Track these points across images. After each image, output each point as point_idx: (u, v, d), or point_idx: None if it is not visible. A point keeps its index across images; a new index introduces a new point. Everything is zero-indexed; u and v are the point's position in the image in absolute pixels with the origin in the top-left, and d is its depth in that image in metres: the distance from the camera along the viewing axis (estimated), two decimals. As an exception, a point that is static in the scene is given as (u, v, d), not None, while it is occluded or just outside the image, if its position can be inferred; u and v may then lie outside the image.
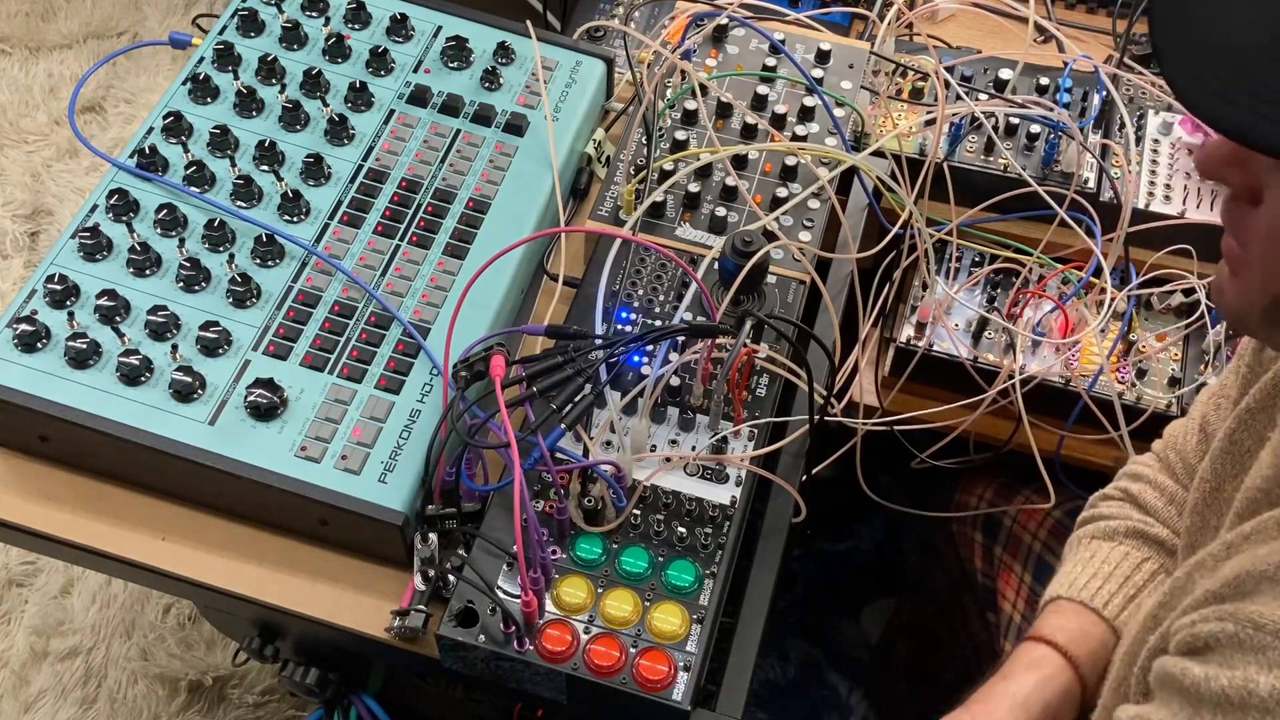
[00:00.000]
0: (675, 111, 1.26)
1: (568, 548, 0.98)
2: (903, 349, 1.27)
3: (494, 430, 0.98)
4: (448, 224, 1.15)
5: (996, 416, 1.26)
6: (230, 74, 1.21)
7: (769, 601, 1.04)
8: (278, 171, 1.15)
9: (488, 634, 0.94)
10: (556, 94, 1.26)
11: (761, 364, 1.07)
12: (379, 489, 0.98)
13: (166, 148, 1.16)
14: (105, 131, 2.47)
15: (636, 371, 1.06)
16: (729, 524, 1.00)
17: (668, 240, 1.17)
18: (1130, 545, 1.01)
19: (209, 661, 1.81)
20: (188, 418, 1.00)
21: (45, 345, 1.03)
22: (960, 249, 1.31)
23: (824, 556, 1.94)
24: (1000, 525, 1.34)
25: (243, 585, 1.02)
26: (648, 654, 0.93)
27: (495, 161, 1.20)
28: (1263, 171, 0.63)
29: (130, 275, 1.08)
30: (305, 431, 1.01)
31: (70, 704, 1.79)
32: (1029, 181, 1.26)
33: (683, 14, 1.33)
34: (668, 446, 1.04)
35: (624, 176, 1.22)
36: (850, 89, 1.30)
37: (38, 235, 2.33)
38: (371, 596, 1.01)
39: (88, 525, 1.04)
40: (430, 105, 1.23)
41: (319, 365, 1.05)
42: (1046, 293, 1.27)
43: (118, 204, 1.10)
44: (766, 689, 1.81)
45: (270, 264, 1.10)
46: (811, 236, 1.17)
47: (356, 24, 1.28)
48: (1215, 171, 0.66)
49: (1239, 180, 0.65)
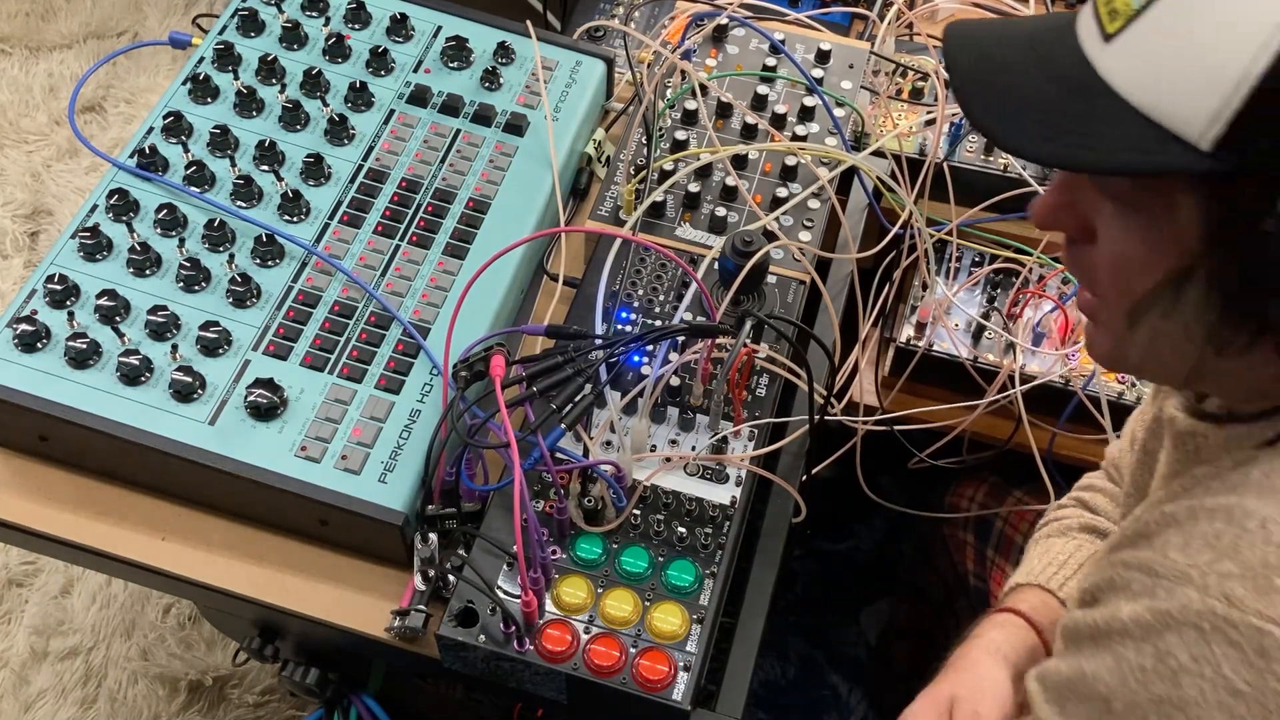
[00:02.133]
0: (675, 111, 1.26)
1: (568, 548, 0.98)
2: (903, 349, 1.27)
3: (494, 430, 0.98)
4: (448, 224, 1.15)
5: (996, 416, 1.27)
6: (230, 74, 1.21)
7: (769, 601, 1.04)
8: (278, 171, 1.15)
9: (488, 634, 0.94)
10: (556, 94, 1.26)
11: (761, 364, 1.07)
12: (379, 489, 0.98)
13: (166, 148, 1.16)
14: (105, 131, 2.47)
15: (636, 371, 1.06)
16: (729, 524, 1.00)
17: (668, 240, 1.17)
18: (1083, 538, 1.07)
19: (209, 661, 1.81)
20: (188, 418, 1.00)
21: (45, 345, 1.03)
22: (960, 249, 1.31)
23: (824, 556, 1.94)
24: (991, 527, 1.35)
25: (243, 585, 1.02)
26: (648, 654, 0.93)
27: (495, 161, 1.20)
28: (1088, 206, 0.69)
29: (130, 275, 1.08)
30: (305, 431, 1.01)
31: (70, 704, 1.79)
32: (1029, 181, 1.26)
33: (683, 14, 1.33)
34: (668, 446, 1.04)
35: (624, 176, 1.22)
36: (850, 89, 1.30)
37: (38, 235, 2.33)
38: (371, 596, 1.01)
39: (88, 525, 1.04)
40: (430, 105, 1.23)
41: (319, 365, 1.05)
42: (1046, 293, 1.27)
43: (118, 204, 1.10)
44: (766, 689, 1.81)
45: (270, 264, 1.10)
46: (811, 236, 1.17)
47: (356, 24, 1.28)
48: (1050, 219, 0.73)
49: (1072, 223, 0.71)
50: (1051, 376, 1.24)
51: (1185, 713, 0.64)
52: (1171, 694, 0.65)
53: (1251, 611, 0.62)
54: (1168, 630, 0.65)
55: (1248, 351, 0.65)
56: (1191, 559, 0.66)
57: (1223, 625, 0.63)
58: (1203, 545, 0.66)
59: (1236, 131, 0.59)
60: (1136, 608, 0.68)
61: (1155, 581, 0.67)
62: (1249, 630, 0.62)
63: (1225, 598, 0.63)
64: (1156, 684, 0.66)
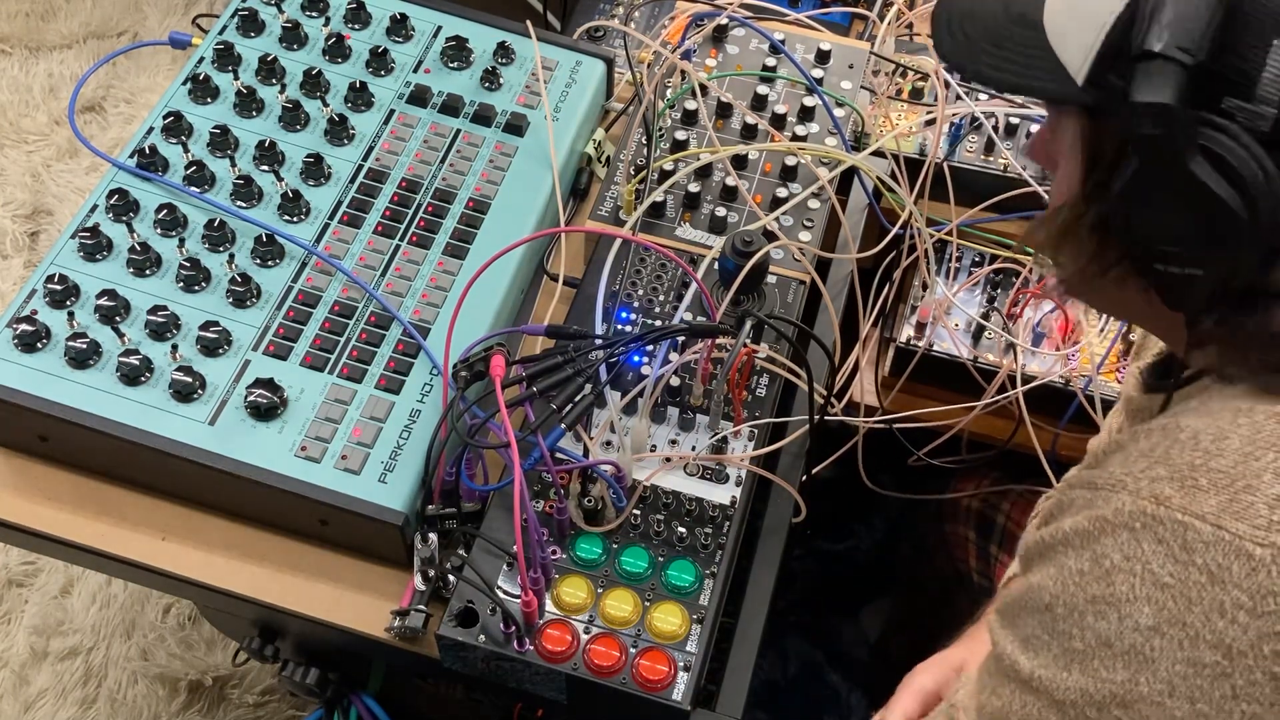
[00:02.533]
0: (675, 111, 1.25)
1: (568, 548, 0.98)
2: (903, 349, 1.27)
3: (494, 430, 0.98)
4: (448, 224, 1.15)
5: (995, 416, 1.27)
6: (230, 74, 1.21)
7: (769, 601, 1.04)
8: (278, 171, 1.15)
9: (488, 634, 0.94)
10: (556, 94, 1.26)
11: (761, 364, 1.07)
12: (379, 489, 0.98)
13: (166, 148, 1.16)
14: (105, 131, 2.46)
15: (636, 371, 1.06)
16: (729, 524, 1.00)
17: (668, 240, 1.17)
18: None
19: (209, 661, 1.81)
20: (188, 418, 1.00)
21: (45, 345, 1.03)
22: (960, 249, 1.31)
23: (824, 556, 1.94)
24: (994, 524, 1.35)
25: (243, 585, 1.02)
26: (648, 654, 0.93)
27: (495, 161, 1.20)
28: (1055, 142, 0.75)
29: (130, 275, 1.08)
30: (305, 431, 1.01)
31: (70, 704, 1.79)
32: (1029, 181, 1.26)
33: (683, 14, 1.33)
34: (668, 446, 1.04)
35: (624, 176, 1.22)
36: (850, 89, 1.30)
37: (38, 235, 2.33)
38: (371, 596, 1.01)
39: (88, 525, 1.04)
40: (430, 105, 1.23)
41: (319, 365, 1.05)
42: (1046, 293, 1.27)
43: (118, 204, 1.10)
44: (766, 689, 1.81)
45: (270, 264, 1.10)
46: (811, 236, 1.17)
47: (356, 24, 1.28)
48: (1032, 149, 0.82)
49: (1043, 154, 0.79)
50: (1051, 377, 1.24)
51: (1118, 609, 0.67)
52: (1105, 592, 0.68)
53: (1177, 508, 0.66)
54: (1103, 534, 0.69)
55: (1124, 285, 0.71)
56: (1128, 469, 0.70)
57: (1151, 523, 0.67)
58: (1139, 456, 0.71)
59: (1098, 68, 0.67)
60: (1078, 519, 0.71)
61: (1095, 494, 0.71)
62: (1174, 525, 0.66)
63: (1154, 498, 0.67)
64: (1092, 585, 0.69)
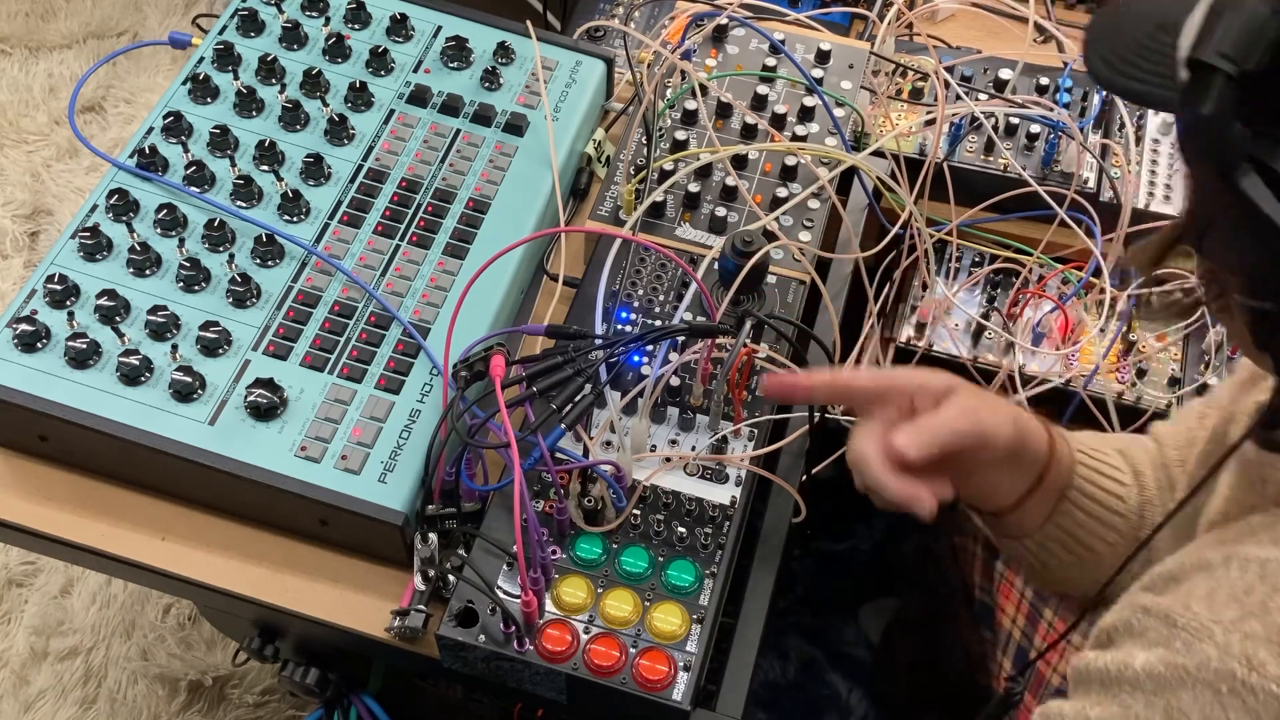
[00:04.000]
0: (675, 111, 1.26)
1: (568, 548, 0.98)
2: (903, 349, 1.27)
3: (494, 430, 0.98)
4: (448, 224, 1.15)
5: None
6: (230, 74, 1.21)
7: (769, 601, 1.04)
8: (278, 171, 1.15)
9: (488, 634, 0.94)
10: (556, 94, 1.26)
11: (761, 364, 1.07)
12: (379, 489, 0.98)
13: (166, 148, 1.16)
14: (105, 131, 2.47)
15: (636, 371, 1.06)
16: (729, 524, 1.00)
17: (668, 240, 1.17)
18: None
19: (209, 661, 1.81)
20: (188, 418, 1.00)
21: (45, 345, 1.03)
22: (960, 249, 1.31)
23: (824, 556, 1.93)
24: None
25: (243, 585, 1.02)
26: (648, 654, 0.93)
27: (495, 161, 1.20)
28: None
29: (130, 275, 1.08)
30: (305, 431, 1.01)
31: (70, 704, 1.79)
32: (1029, 181, 1.26)
33: (683, 14, 1.33)
34: (668, 446, 1.04)
35: (624, 176, 1.22)
36: (850, 89, 1.30)
37: (38, 235, 2.33)
38: (371, 596, 1.01)
39: (88, 525, 1.04)
40: (430, 105, 1.23)
41: (319, 365, 1.05)
42: (1046, 293, 1.27)
43: (118, 204, 1.10)
44: (766, 689, 1.81)
45: (270, 264, 1.10)
46: (811, 236, 1.17)
47: (356, 24, 1.28)
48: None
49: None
50: (1051, 377, 1.24)
51: None
52: None
53: (1273, 678, 0.60)
54: (1181, 687, 0.63)
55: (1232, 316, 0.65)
56: (1216, 614, 0.63)
57: (1240, 689, 0.60)
58: (1229, 599, 0.63)
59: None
60: (1150, 658, 0.65)
61: (1173, 633, 0.64)
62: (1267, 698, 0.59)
63: (1247, 660, 0.60)
64: None
